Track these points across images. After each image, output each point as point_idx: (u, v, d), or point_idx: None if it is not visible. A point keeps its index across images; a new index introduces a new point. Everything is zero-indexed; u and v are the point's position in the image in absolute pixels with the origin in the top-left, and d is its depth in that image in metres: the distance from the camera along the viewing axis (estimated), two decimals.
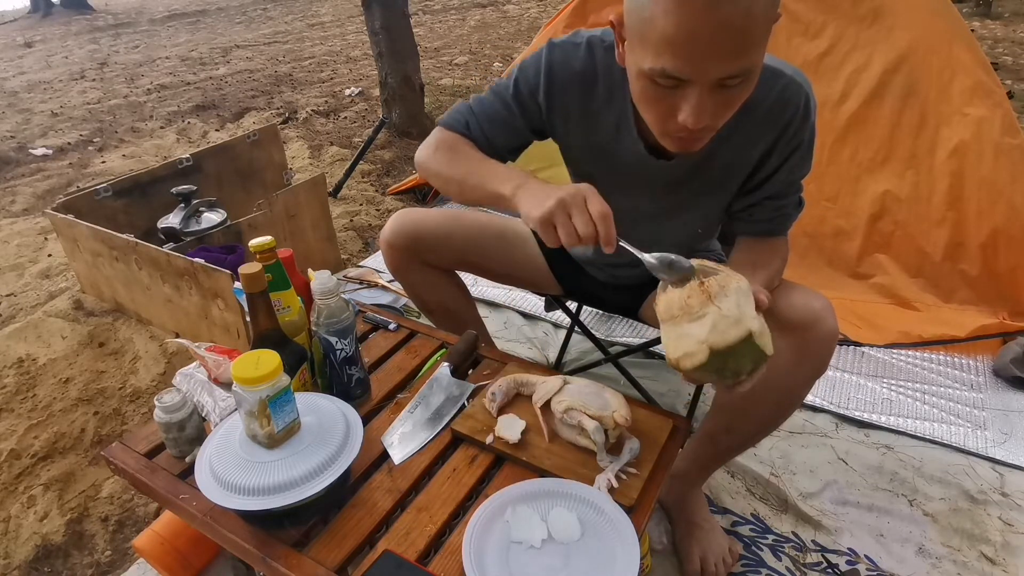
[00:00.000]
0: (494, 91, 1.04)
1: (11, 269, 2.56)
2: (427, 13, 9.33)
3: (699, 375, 0.76)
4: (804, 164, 0.98)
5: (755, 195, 1.00)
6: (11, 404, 1.74)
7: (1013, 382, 1.62)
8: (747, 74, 0.76)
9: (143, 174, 2.28)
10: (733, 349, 0.72)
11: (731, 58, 0.73)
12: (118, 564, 1.30)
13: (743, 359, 0.74)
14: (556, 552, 0.81)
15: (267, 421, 0.81)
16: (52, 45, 9.36)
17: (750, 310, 0.74)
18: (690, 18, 0.70)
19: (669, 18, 0.71)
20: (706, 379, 0.79)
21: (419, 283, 1.30)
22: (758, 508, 1.33)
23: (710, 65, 0.73)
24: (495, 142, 1.04)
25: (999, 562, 1.19)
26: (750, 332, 0.72)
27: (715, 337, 0.72)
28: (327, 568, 0.80)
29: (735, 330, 0.72)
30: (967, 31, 1.82)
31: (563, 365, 1.77)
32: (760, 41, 0.74)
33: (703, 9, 0.69)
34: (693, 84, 0.75)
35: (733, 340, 0.72)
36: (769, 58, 0.90)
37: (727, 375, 0.76)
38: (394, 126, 3.76)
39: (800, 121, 0.92)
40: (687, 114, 0.77)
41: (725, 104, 0.79)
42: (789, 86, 0.90)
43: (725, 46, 0.72)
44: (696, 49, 0.72)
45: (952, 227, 1.81)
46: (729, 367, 0.74)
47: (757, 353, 0.74)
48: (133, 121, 4.76)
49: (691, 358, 0.74)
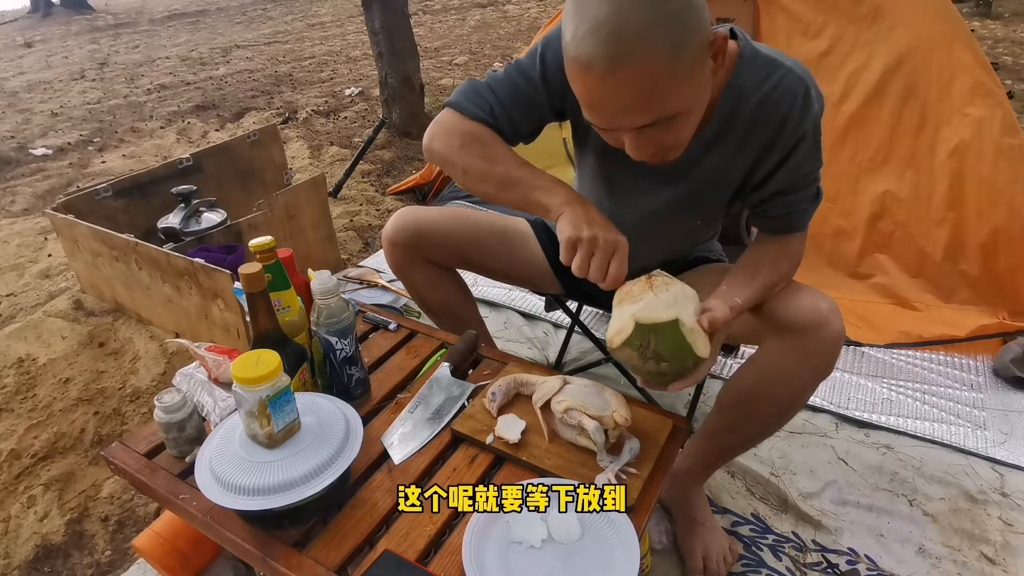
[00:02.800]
0: (516, 69, 0.99)
1: (11, 269, 2.56)
2: (427, 13, 9.33)
3: (624, 352, 0.83)
4: (813, 156, 0.94)
5: (765, 190, 0.98)
6: (11, 404, 1.74)
7: (1013, 382, 1.62)
8: (667, 117, 0.78)
9: (143, 174, 2.29)
10: (657, 328, 0.80)
11: (639, 113, 0.77)
12: (118, 564, 1.30)
13: (665, 342, 0.81)
14: (556, 552, 0.81)
15: (267, 421, 0.81)
16: (52, 45, 9.36)
17: (688, 309, 0.82)
18: (589, 86, 0.77)
19: (575, 83, 0.79)
20: (630, 358, 0.84)
21: (421, 281, 1.30)
22: (758, 508, 1.33)
23: (621, 120, 0.79)
24: (519, 126, 1.00)
25: (999, 562, 1.19)
26: (677, 319, 0.80)
27: (643, 313, 0.81)
28: (327, 568, 0.81)
29: (664, 312, 0.80)
30: (967, 31, 1.82)
31: (563, 365, 1.77)
32: (665, 91, 0.75)
33: (597, 78, 0.74)
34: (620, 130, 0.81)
35: (658, 320, 0.80)
36: (769, 50, 0.91)
37: (648, 355, 0.81)
38: (394, 126, 3.77)
39: (800, 112, 0.89)
40: (628, 149, 0.83)
41: (666, 136, 0.82)
42: (786, 77, 0.88)
43: (627, 105, 0.77)
44: (604, 110, 0.79)
45: (952, 227, 1.81)
46: (651, 347, 0.81)
47: (682, 345, 0.80)
48: (133, 121, 4.76)
49: (620, 333, 0.82)
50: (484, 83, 1.00)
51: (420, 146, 4.19)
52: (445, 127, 1.00)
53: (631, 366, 0.86)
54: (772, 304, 0.96)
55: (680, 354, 0.81)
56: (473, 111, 0.98)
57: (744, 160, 0.96)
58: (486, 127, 0.98)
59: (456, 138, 0.98)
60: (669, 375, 0.84)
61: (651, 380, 0.86)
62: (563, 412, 0.95)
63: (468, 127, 0.98)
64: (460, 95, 1.00)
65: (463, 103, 0.99)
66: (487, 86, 0.99)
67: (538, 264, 1.33)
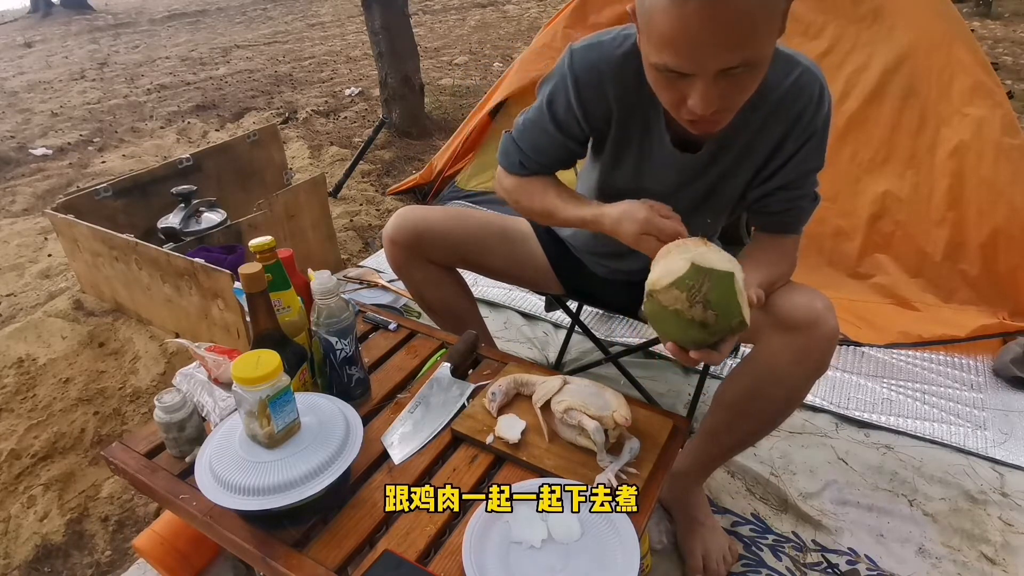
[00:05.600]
0: (531, 122, 1.09)
1: (11, 269, 2.56)
2: (427, 13, 9.33)
3: (670, 294, 0.77)
4: (818, 154, 0.98)
5: (770, 184, 1.01)
6: (11, 404, 1.74)
7: (1013, 382, 1.62)
8: (751, 63, 0.76)
9: (143, 174, 2.28)
10: (713, 273, 0.75)
11: (729, 51, 0.74)
12: (118, 564, 1.30)
13: (719, 290, 0.75)
14: (556, 552, 0.81)
15: (267, 421, 0.81)
16: (52, 45, 9.36)
17: (742, 274, 0.78)
18: (684, 15, 0.72)
19: (665, 16, 0.74)
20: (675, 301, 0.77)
21: (421, 280, 1.30)
22: (758, 508, 1.33)
23: (708, 59, 0.75)
24: (552, 165, 1.14)
25: (999, 562, 1.19)
26: (734, 273, 0.76)
27: (701, 259, 0.77)
28: (327, 568, 0.81)
29: (722, 263, 0.77)
30: (967, 31, 1.82)
31: (563, 365, 1.77)
32: (761, 31, 0.74)
33: (699, 4, 0.70)
34: (696, 75, 0.77)
35: (716, 266, 0.76)
36: (786, 48, 0.93)
37: (698, 298, 0.75)
38: (394, 126, 3.76)
39: (814, 108, 0.93)
40: (694, 102, 0.79)
41: (735, 89, 0.80)
42: (804, 74, 0.92)
43: (721, 40, 0.73)
44: (692, 45, 0.74)
45: (952, 227, 1.81)
46: (703, 291, 0.75)
47: (733, 300, 0.75)
48: (133, 121, 4.76)
49: (670, 274, 0.77)
50: (512, 141, 1.13)
51: (420, 146, 4.17)
52: (498, 181, 1.19)
53: (669, 316, 0.78)
54: (769, 302, 0.97)
55: (728, 308, 0.76)
56: (511, 169, 1.15)
57: (758, 154, 0.99)
58: (525, 179, 1.14)
59: (509, 194, 1.17)
60: (710, 329, 0.77)
61: (685, 335, 0.80)
62: (563, 412, 0.95)
63: (512, 182, 1.15)
64: (500, 154, 1.16)
65: (504, 163, 1.16)
66: (515, 144, 1.12)
67: (539, 263, 1.33)
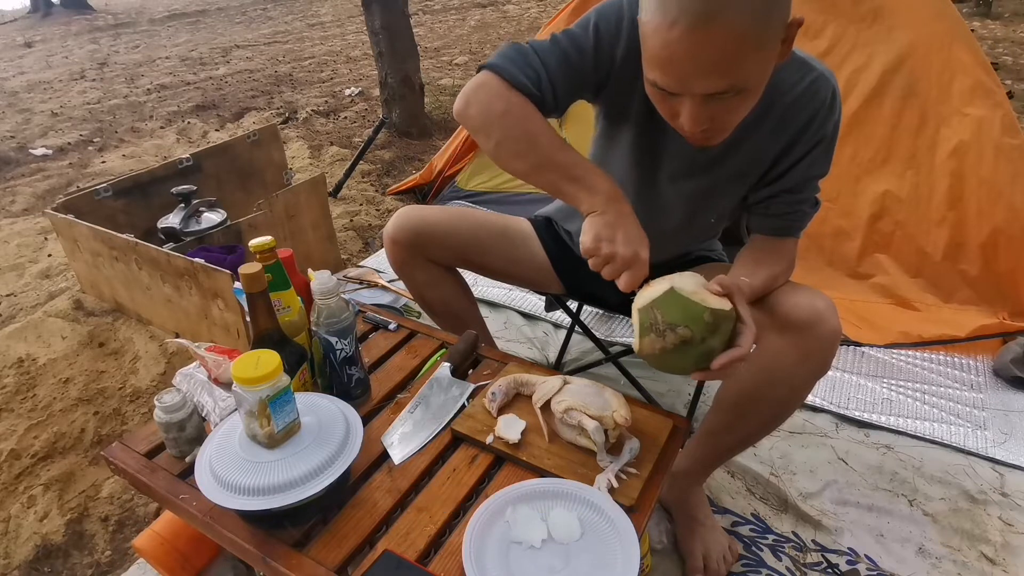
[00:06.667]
0: (567, 38, 0.93)
1: (11, 269, 2.56)
2: (427, 13, 9.33)
3: (647, 344, 0.81)
4: (824, 160, 0.98)
5: (775, 186, 1.00)
6: (11, 404, 1.74)
7: (1013, 382, 1.62)
8: (740, 89, 0.77)
9: (143, 174, 2.28)
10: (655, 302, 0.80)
11: (714, 77, 0.75)
12: (118, 564, 1.30)
13: (669, 310, 0.79)
14: (556, 552, 0.81)
15: (267, 421, 0.81)
16: (52, 45, 9.36)
17: (686, 282, 0.82)
18: (670, 40, 0.73)
19: (655, 37, 0.75)
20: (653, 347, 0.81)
21: (421, 280, 1.30)
22: (758, 508, 1.33)
23: (693, 83, 0.76)
24: (561, 100, 0.95)
25: (999, 562, 1.19)
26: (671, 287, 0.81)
27: (641, 301, 0.83)
28: (327, 568, 0.80)
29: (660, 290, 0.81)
30: (967, 31, 1.82)
31: (563, 365, 1.77)
32: (750, 59, 0.75)
33: (683, 31, 0.71)
34: (684, 95, 0.78)
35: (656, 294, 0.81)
36: (801, 52, 0.93)
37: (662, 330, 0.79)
38: (394, 126, 3.77)
39: (826, 113, 0.93)
40: (684, 119, 0.81)
41: (724, 111, 0.80)
42: (818, 79, 0.92)
43: (705, 67, 0.74)
44: (679, 68, 0.75)
45: (952, 227, 1.81)
46: (660, 320, 0.79)
47: (688, 305, 0.79)
48: (133, 121, 4.76)
49: (637, 331, 0.82)
50: (530, 48, 0.93)
51: (420, 146, 4.16)
52: (487, 91, 0.92)
53: (665, 357, 0.80)
54: (770, 302, 0.97)
55: (691, 312, 0.78)
56: (519, 79, 0.91)
57: (767, 157, 0.99)
58: (529, 98, 0.92)
59: (499, 104, 0.91)
60: (695, 342, 0.78)
61: (687, 362, 0.80)
62: (563, 412, 0.95)
63: (512, 96, 0.91)
64: (505, 59, 0.93)
65: (508, 68, 0.91)
66: (534, 52, 0.92)
67: (539, 263, 1.33)
